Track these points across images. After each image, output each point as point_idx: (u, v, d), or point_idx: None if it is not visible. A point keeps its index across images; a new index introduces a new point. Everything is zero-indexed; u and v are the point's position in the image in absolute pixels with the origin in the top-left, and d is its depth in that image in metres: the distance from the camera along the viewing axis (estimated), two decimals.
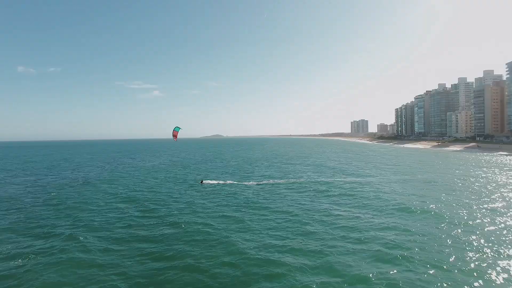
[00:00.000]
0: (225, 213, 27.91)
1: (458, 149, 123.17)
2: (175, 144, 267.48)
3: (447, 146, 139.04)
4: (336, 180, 46.42)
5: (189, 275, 16.21)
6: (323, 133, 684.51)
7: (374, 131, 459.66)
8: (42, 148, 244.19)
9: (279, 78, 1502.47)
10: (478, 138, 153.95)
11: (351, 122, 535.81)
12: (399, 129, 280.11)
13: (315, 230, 22.66)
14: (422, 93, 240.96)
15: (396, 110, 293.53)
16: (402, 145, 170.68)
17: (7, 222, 26.23)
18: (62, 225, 25.02)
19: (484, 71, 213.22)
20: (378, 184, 42.26)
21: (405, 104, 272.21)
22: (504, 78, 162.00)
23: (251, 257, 18.01)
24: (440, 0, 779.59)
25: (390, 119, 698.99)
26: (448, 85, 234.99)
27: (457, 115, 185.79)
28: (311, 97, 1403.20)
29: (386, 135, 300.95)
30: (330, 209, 28.89)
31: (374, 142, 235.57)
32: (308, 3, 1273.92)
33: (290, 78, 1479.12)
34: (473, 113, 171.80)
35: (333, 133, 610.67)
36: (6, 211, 29.92)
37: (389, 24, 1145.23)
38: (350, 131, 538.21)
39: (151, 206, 31.22)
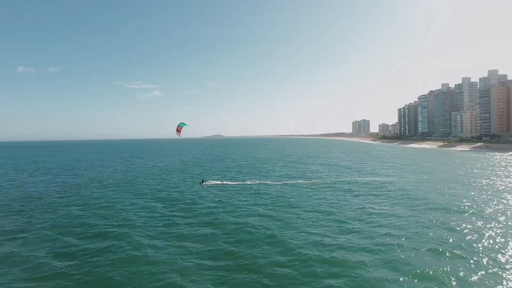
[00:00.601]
0: (259, 212, 27.76)
1: (466, 149, 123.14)
2: (179, 144, 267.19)
3: (454, 146, 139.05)
4: (357, 180, 46.34)
5: (245, 275, 16.09)
6: (324, 133, 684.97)
7: (375, 131, 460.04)
8: (44, 148, 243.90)
9: (279, 78, 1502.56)
10: (485, 138, 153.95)
11: (353, 122, 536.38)
12: (402, 129, 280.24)
13: (357, 229, 22.59)
14: (423, 93, 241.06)
15: (399, 110, 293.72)
16: (407, 145, 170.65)
17: (51, 221, 26.20)
18: (103, 224, 24.90)
19: (489, 71, 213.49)
20: (401, 184, 42.16)
21: (408, 104, 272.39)
22: (510, 78, 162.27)
23: (306, 256, 17.90)
24: (440, 0, 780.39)
25: (391, 119, 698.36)
26: (452, 85, 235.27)
27: (462, 115, 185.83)
28: (311, 97, 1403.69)
29: (389, 135, 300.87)
30: (362, 207, 28.83)
31: (378, 142, 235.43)
32: (308, 3, 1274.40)
33: (290, 78, 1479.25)
34: (478, 113, 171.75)
35: (334, 133, 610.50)
36: (44, 211, 29.85)
37: (389, 24, 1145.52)
38: (351, 131, 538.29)
39: (182, 206, 31.09)
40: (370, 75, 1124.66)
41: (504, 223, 23.46)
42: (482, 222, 23.70)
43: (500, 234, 20.93)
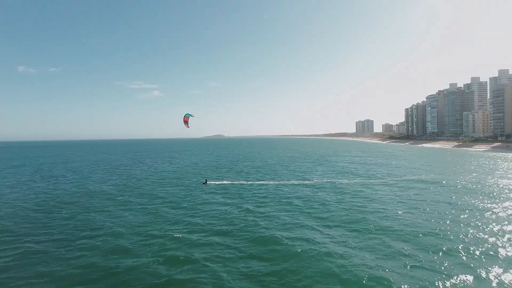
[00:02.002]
0: (335, 212, 26.34)
1: (485, 149, 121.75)
2: (187, 145, 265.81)
3: (470, 146, 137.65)
4: (411, 178, 44.93)
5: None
6: (325, 133, 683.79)
7: (378, 131, 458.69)
8: (47, 148, 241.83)
9: (279, 78, 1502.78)
10: (500, 137, 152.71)
11: (356, 122, 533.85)
12: (410, 129, 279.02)
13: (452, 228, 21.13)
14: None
15: (406, 110, 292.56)
16: (420, 145, 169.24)
17: (118, 219, 24.90)
18: (163, 225, 23.92)
19: (499, 71, 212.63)
20: (461, 187, 40.66)
21: (415, 104, 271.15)
22: None
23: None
24: (440, 0, 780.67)
25: (392, 119, 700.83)
26: (460, 85, 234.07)
27: (474, 115, 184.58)
28: (311, 97, 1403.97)
29: (397, 135, 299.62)
30: (447, 211, 27.39)
31: (387, 142, 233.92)
32: (308, 3, 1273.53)
33: (290, 78, 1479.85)
34: (491, 112, 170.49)
35: (336, 133, 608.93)
36: (116, 208, 28.41)
37: (389, 24, 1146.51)
38: (354, 131, 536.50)
39: (246, 206, 29.65)
40: (370, 75, 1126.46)
41: None
42: None
43: None
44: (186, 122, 39.81)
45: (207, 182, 44.88)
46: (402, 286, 14.40)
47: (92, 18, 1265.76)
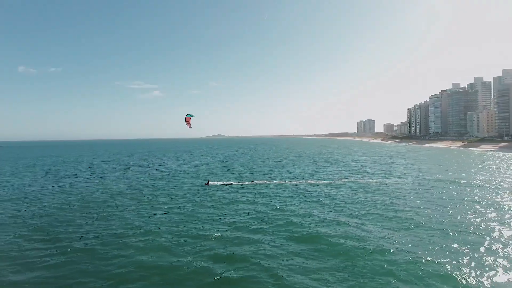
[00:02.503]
0: (371, 212, 26.24)
1: (492, 149, 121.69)
2: (190, 145, 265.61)
3: (476, 146, 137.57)
4: (429, 178, 44.85)
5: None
6: (326, 133, 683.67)
7: (379, 131, 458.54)
8: (49, 148, 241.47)
9: (279, 78, 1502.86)
10: (505, 137, 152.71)
11: (357, 122, 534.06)
12: (413, 128, 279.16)
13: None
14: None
15: (409, 110, 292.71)
16: (425, 145, 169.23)
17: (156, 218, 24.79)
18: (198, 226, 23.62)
19: (503, 70, 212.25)
20: (482, 186, 40.56)
21: (418, 103, 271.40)
22: None
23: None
24: (440, 0, 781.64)
25: (393, 119, 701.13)
26: (463, 84, 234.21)
27: (478, 115, 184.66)
28: (311, 97, 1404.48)
29: (400, 135, 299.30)
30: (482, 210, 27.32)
31: (391, 142, 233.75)
32: (308, 3, 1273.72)
33: (290, 78, 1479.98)
34: (496, 112, 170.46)
35: (337, 133, 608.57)
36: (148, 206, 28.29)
37: (389, 24, 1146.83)
38: (355, 131, 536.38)
39: (274, 204, 29.51)
40: (370, 75, 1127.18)
41: None
42: None
43: None
44: (188, 122, 39.58)
45: (209, 183, 43.42)
46: (462, 281, 14.33)
47: (92, 18, 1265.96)
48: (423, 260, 16.57)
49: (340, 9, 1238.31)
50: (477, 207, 28.23)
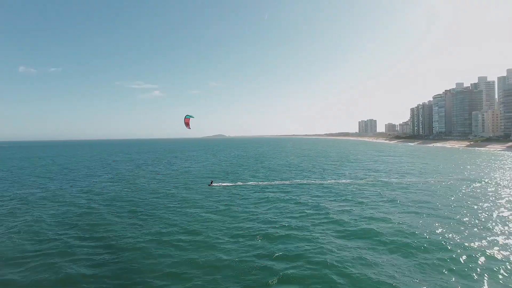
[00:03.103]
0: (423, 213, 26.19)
1: (500, 148, 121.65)
2: (194, 145, 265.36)
3: (483, 146, 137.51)
4: (457, 179, 44.81)
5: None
6: (326, 133, 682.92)
7: (380, 131, 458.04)
8: (52, 148, 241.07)
9: (279, 78, 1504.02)
10: None
11: (359, 122, 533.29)
12: (416, 128, 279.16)
13: None
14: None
15: (412, 109, 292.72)
16: (430, 145, 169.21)
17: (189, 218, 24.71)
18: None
19: (508, 70, 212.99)
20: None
21: (421, 103, 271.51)
22: None
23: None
24: (440, 0, 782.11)
25: (394, 119, 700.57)
26: (467, 84, 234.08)
27: (483, 114, 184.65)
28: (311, 97, 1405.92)
29: (402, 135, 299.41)
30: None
31: (395, 142, 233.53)
32: (308, 3, 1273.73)
33: (290, 78, 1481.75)
34: (502, 112, 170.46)
35: (338, 133, 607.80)
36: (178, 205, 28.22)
37: (389, 24, 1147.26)
38: (356, 131, 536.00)
39: (308, 203, 29.41)
40: (371, 75, 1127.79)
41: None
42: None
43: None
44: (187, 124, 39.35)
45: (213, 184, 42.51)
46: None
47: (92, 18, 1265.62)
48: (481, 256, 16.57)
49: (340, 9, 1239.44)
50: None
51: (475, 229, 21.51)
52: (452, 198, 31.52)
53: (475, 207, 27.75)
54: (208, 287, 14.50)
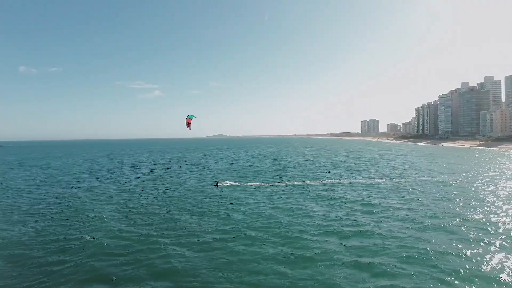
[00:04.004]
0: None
1: None
2: (199, 145, 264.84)
3: (495, 145, 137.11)
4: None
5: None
6: (327, 133, 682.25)
7: (383, 131, 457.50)
8: (56, 148, 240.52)
9: (280, 78, 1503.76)
10: None
11: (361, 122, 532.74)
12: (421, 128, 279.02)
13: None
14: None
15: (417, 109, 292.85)
16: (440, 145, 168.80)
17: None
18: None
19: None
20: None
21: (427, 103, 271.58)
22: None
23: None
24: (440, 0, 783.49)
25: (395, 119, 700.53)
26: (473, 84, 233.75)
27: (491, 114, 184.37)
28: (311, 97, 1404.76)
29: (407, 135, 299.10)
30: None
31: (401, 142, 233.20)
32: (309, 3, 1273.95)
33: (291, 78, 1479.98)
34: (511, 111, 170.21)
35: (341, 133, 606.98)
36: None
37: (389, 24, 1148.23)
38: (358, 131, 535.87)
39: (353, 205, 28.87)
40: (371, 75, 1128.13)
41: None
42: None
43: None
44: (188, 124, 38.76)
45: (218, 184, 41.31)
46: None
47: (93, 18, 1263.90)
48: None
49: (340, 9, 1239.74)
50: None
51: None
52: (494, 197, 30.99)
53: None
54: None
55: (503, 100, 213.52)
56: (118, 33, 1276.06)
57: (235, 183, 42.28)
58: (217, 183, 41.93)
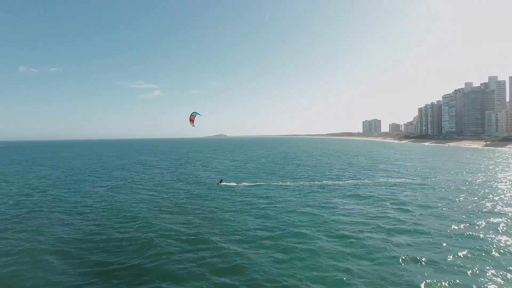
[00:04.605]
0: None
1: None
2: (205, 145, 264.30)
3: (503, 145, 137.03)
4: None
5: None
6: (327, 133, 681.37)
7: (384, 131, 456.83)
8: (60, 148, 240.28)
9: (280, 78, 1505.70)
10: None
11: (363, 122, 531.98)
12: (424, 128, 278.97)
13: None
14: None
15: (420, 109, 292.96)
16: (445, 145, 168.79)
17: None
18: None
19: None
20: None
21: (430, 103, 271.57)
22: None
23: None
24: (440, 0, 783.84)
25: (395, 119, 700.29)
26: (476, 84, 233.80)
27: (497, 114, 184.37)
28: (311, 97, 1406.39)
29: (410, 135, 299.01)
30: None
31: (406, 142, 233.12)
32: (309, 4, 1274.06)
33: (291, 78, 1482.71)
34: None
35: (342, 133, 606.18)
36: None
37: (389, 24, 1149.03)
38: (358, 131, 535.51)
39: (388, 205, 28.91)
40: (371, 75, 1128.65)
41: None
42: None
43: None
44: (192, 120, 38.79)
45: (222, 183, 41.22)
46: None
47: (93, 18, 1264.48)
48: None
49: (340, 9, 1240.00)
50: None
51: None
52: None
53: None
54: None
55: (508, 100, 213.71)
56: (118, 33, 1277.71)
57: (257, 183, 42.26)
58: (221, 181, 42.01)
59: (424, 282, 14.01)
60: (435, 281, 14.09)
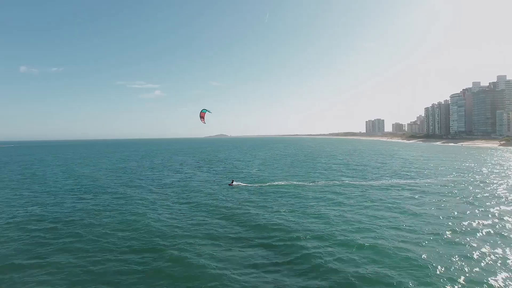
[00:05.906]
0: None
1: None
2: (212, 145, 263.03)
3: None
4: None
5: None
6: (328, 132, 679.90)
7: (387, 131, 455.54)
8: (64, 148, 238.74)
9: (280, 78, 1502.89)
10: None
11: (366, 122, 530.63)
12: (431, 128, 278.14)
13: None
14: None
15: (426, 109, 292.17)
16: (457, 144, 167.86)
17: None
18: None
19: None
20: None
21: (437, 102, 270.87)
22: None
23: None
24: (440, 1, 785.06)
25: (398, 118, 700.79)
26: (484, 83, 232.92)
27: (509, 114, 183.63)
28: (311, 97, 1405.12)
29: (417, 134, 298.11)
30: None
31: (415, 141, 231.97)
32: (309, 4, 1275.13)
33: (291, 78, 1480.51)
34: None
35: (344, 133, 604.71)
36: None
37: (389, 24, 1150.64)
38: (361, 130, 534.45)
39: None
40: (371, 75, 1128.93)
41: None
42: None
43: None
44: (202, 117, 38.02)
45: (233, 183, 40.65)
46: None
47: (94, 18, 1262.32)
48: None
49: (341, 9, 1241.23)
50: None
51: None
52: None
53: None
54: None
55: None
56: (118, 33, 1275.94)
57: (295, 182, 41.35)
58: (232, 182, 41.11)
59: None
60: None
